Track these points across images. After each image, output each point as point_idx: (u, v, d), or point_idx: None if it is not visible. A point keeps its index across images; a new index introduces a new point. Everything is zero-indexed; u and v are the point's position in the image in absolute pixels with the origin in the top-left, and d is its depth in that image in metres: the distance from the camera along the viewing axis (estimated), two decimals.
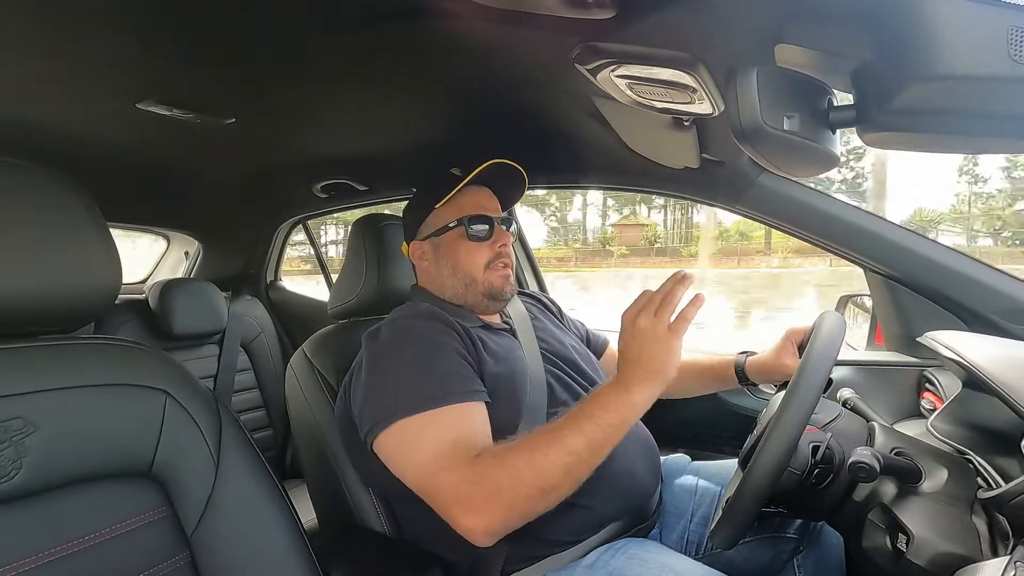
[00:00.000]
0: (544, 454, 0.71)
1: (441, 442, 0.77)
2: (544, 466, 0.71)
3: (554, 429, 0.74)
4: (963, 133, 0.57)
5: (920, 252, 1.11)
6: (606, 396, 0.74)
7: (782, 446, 0.67)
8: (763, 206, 1.17)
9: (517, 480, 0.71)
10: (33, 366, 0.62)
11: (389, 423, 0.80)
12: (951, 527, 0.66)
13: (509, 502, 0.71)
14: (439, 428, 0.79)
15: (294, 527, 0.74)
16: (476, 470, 0.73)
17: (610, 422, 0.72)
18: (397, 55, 0.85)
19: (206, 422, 0.71)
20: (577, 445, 0.71)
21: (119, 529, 0.64)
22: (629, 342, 0.75)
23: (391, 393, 0.82)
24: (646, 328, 0.73)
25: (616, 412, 0.72)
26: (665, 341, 0.72)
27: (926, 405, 1.12)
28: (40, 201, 0.63)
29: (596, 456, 0.72)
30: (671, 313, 0.74)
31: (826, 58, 0.64)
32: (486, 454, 0.75)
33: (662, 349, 0.72)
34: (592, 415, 0.73)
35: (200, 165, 1.46)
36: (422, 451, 0.77)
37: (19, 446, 0.59)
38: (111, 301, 0.69)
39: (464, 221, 1.00)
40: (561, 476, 0.71)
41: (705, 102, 0.80)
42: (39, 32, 0.75)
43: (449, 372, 0.85)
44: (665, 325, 0.73)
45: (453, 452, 0.76)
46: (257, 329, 2.04)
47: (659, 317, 0.73)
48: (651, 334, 0.73)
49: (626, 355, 0.75)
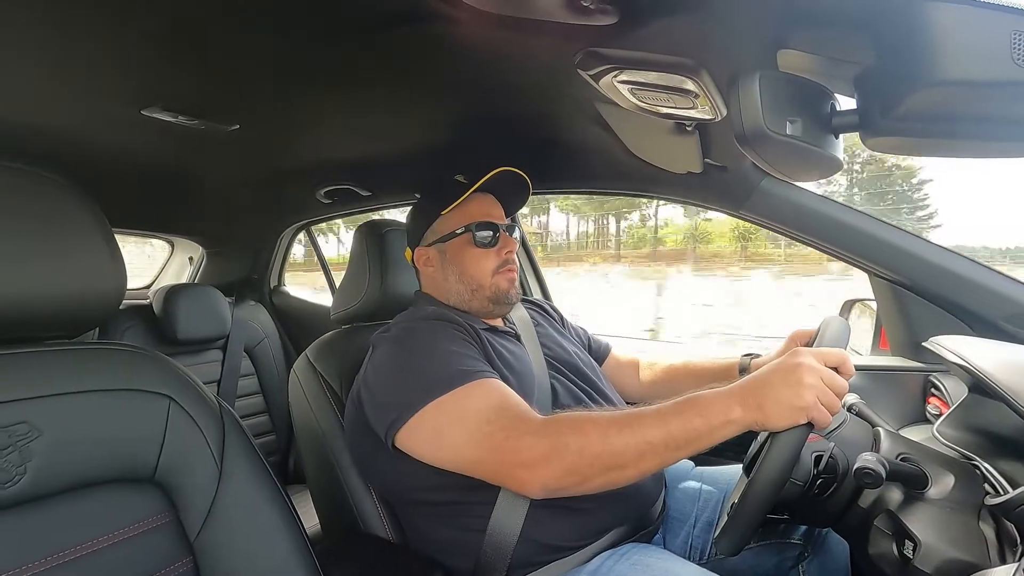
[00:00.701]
0: (619, 432, 0.71)
1: (485, 409, 0.78)
2: (616, 444, 0.70)
3: (638, 413, 0.73)
4: (966, 138, 0.57)
5: (925, 256, 1.10)
6: (706, 400, 0.71)
7: (786, 451, 0.67)
8: (766, 211, 1.17)
9: (585, 447, 0.71)
10: (38, 371, 0.63)
11: (420, 407, 0.80)
12: (958, 533, 0.65)
13: (571, 465, 0.71)
14: (479, 397, 0.80)
15: (297, 533, 0.74)
16: (545, 427, 0.74)
17: (696, 426, 0.69)
18: (400, 61, 0.85)
19: (209, 427, 0.71)
20: (655, 436, 0.70)
21: (122, 534, 0.64)
22: (777, 369, 0.70)
23: (415, 382, 0.83)
24: (805, 374, 0.67)
25: (707, 418, 0.69)
26: (801, 398, 0.66)
27: (932, 410, 1.11)
28: (46, 207, 0.63)
29: (670, 454, 0.70)
30: (830, 390, 0.67)
31: (829, 63, 0.64)
32: (561, 416, 0.76)
33: (793, 398, 0.66)
34: (682, 412, 0.71)
35: (204, 171, 1.47)
36: (468, 420, 0.78)
37: (24, 451, 0.59)
38: (116, 307, 0.70)
39: (471, 228, 1.01)
40: (629, 460, 0.70)
41: (708, 107, 0.80)
42: (45, 39, 0.76)
43: (471, 355, 0.87)
44: (817, 389, 0.67)
45: (504, 414, 0.77)
46: (260, 334, 2.04)
47: (823, 378, 0.67)
48: (799, 380, 0.67)
49: (762, 376, 0.70)
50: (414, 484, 0.87)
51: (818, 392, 0.66)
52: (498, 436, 0.75)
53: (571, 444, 0.72)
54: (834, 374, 0.69)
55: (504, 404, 0.79)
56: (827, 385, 0.67)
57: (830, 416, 0.67)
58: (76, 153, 1.20)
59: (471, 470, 0.78)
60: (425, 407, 0.79)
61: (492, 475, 0.77)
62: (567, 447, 0.72)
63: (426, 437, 0.81)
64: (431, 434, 0.80)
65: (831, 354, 0.71)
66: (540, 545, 0.84)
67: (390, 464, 0.86)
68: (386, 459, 0.86)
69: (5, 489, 0.58)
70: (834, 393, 0.67)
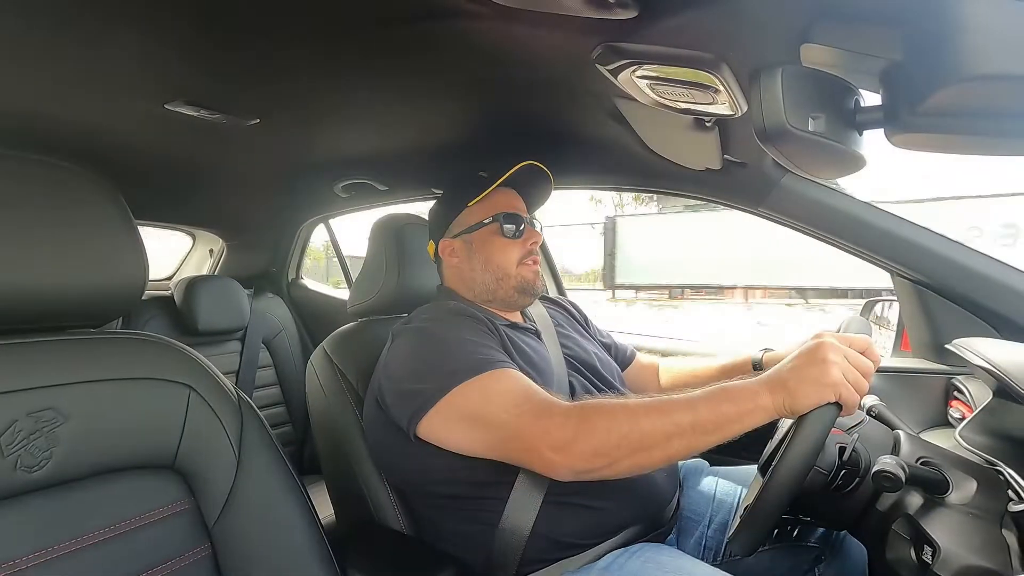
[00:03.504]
0: (647, 414, 0.71)
1: (512, 392, 0.79)
2: (644, 426, 0.71)
3: (667, 399, 0.73)
4: (996, 135, 0.55)
5: (950, 256, 1.08)
6: (734, 388, 0.71)
7: (814, 433, 0.65)
8: (786, 209, 1.15)
9: (613, 427, 0.71)
10: (64, 359, 0.64)
11: (445, 393, 0.80)
12: (979, 540, 0.64)
13: (599, 445, 0.71)
14: (505, 382, 0.80)
15: (312, 523, 0.75)
16: (574, 409, 0.74)
17: (725, 411, 0.69)
18: (419, 57, 0.86)
19: (228, 417, 0.72)
20: (684, 420, 0.70)
21: (142, 520, 0.66)
22: (801, 352, 0.70)
23: (439, 368, 0.83)
24: (829, 351, 0.68)
25: (736, 403, 0.69)
26: (827, 374, 0.66)
27: (954, 414, 1.09)
28: (71, 199, 0.65)
29: (698, 438, 0.70)
30: (855, 369, 0.68)
31: (854, 58, 0.62)
32: (589, 401, 0.76)
33: (820, 375, 0.66)
34: (711, 399, 0.71)
35: (225, 165, 1.49)
36: (495, 403, 0.78)
37: (50, 436, 0.60)
38: (138, 297, 0.71)
39: (499, 218, 1.02)
40: (658, 442, 0.70)
41: (728, 103, 0.78)
42: (72, 34, 0.77)
43: (494, 347, 0.88)
44: (842, 366, 0.67)
45: (532, 398, 0.77)
46: (279, 326, 2.07)
47: (847, 357, 0.68)
48: (824, 358, 0.67)
49: (787, 362, 0.71)
50: (431, 476, 0.88)
51: (843, 369, 0.66)
52: (526, 417, 0.75)
53: (599, 425, 0.72)
54: (858, 354, 0.69)
55: (530, 390, 0.80)
56: (852, 364, 0.67)
57: (857, 396, 0.66)
58: (101, 146, 1.23)
59: (498, 452, 0.79)
60: (450, 392, 0.80)
61: (520, 456, 0.77)
62: (595, 427, 0.72)
63: (451, 423, 0.81)
64: (457, 419, 0.80)
65: (855, 339, 0.71)
66: (552, 541, 0.84)
67: (409, 455, 0.87)
68: (405, 450, 0.86)
69: (31, 473, 0.59)
70: (860, 373, 0.67)
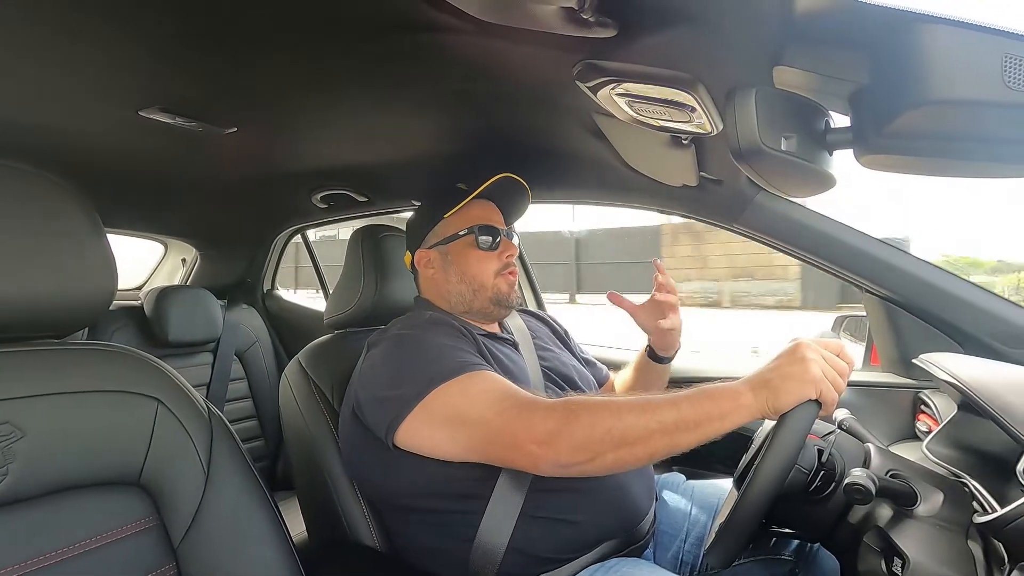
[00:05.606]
0: (630, 410, 0.72)
1: (493, 391, 0.79)
2: (628, 422, 0.71)
3: (649, 397, 0.74)
4: (958, 157, 0.57)
5: (917, 274, 1.11)
6: (719, 386, 0.72)
7: (795, 431, 0.66)
8: (761, 225, 1.18)
9: (597, 422, 0.71)
10: (23, 371, 0.62)
11: (423, 396, 0.80)
12: (947, 551, 0.65)
13: (582, 439, 0.72)
14: (485, 383, 0.81)
15: (283, 540, 0.73)
16: (557, 404, 0.75)
17: (708, 409, 0.70)
18: (399, 69, 0.86)
19: (197, 431, 0.70)
20: (667, 416, 0.70)
21: (105, 538, 0.63)
22: (780, 354, 0.72)
23: (417, 374, 0.83)
24: (807, 351, 0.69)
25: (717, 402, 0.70)
26: (807, 371, 0.68)
27: (922, 427, 1.12)
28: (38, 206, 0.63)
29: (681, 435, 0.70)
30: (833, 368, 0.69)
31: (824, 80, 0.65)
32: (574, 397, 0.78)
33: (800, 372, 0.68)
34: (695, 396, 0.72)
35: (200, 173, 1.46)
36: (477, 402, 0.78)
37: (6, 452, 0.58)
38: (106, 307, 0.69)
39: (474, 230, 1.02)
40: (640, 437, 0.71)
41: (704, 121, 0.80)
42: (43, 38, 0.75)
43: (471, 352, 0.88)
44: (820, 364, 0.69)
45: (513, 396, 0.78)
46: (252, 338, 2.03)
47: (825, 359, 0.69)
48: (803, 356, 0.69)
49: (767, 364, 0.72)
50: (407, 489, 0.86)
51: (822, 367, 0.68)
52: (509, 413, 0.76)
53: (583, 419, 0.72)
54: (835, 356, 0.71)
55: (511, 388, 0.80)
56: (830, 364, 0.69)
57: (836, 394, 0.68)
58: (71, 152, 1.20)
59: (480, 452, 0.78)
60: (429, 395, 0.79)
61: (502, 453, 0.77)
62: (579, 421, 0.72)
63: (431, 426, 0.80)
64: (438, 422, 0.80)
65: (830, 342, 0.74)
66: (528, 557, 0.83)
67: (386, 467, 0.86)
68: (382, 462, 0.85)
69: None
70: (837, 372, 0.69)
